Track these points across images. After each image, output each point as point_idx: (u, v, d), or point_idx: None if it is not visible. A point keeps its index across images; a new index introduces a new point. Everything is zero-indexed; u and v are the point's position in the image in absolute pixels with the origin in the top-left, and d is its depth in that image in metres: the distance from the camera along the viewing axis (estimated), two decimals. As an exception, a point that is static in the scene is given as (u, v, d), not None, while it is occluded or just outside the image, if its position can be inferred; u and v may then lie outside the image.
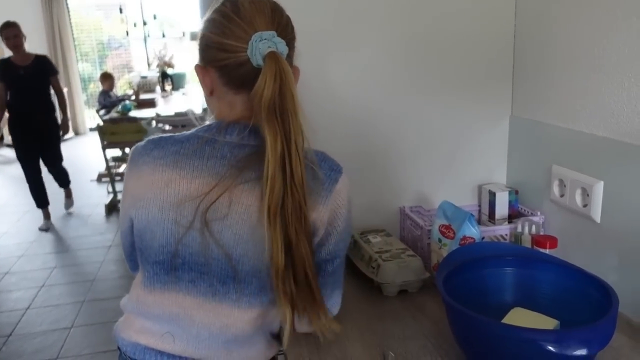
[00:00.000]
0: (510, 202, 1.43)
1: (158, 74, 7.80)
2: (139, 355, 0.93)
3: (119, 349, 0.98)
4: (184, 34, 9.01)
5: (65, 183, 4.93)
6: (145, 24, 9.18)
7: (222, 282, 0.87)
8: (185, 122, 4.68)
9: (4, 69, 4.18)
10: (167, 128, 5.05)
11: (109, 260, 3.85)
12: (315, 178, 0.87)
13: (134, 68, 9.49)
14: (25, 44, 4.23)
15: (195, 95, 6.57)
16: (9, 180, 6.29)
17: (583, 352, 0.77)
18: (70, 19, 8.86)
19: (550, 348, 0.76)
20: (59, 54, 8.63)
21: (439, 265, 1.04)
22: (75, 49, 9.10)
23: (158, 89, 7.65)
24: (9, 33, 4.13)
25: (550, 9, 1.28)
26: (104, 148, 4.73)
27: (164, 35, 9.17)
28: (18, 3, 7.57)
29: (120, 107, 5.81)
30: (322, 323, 0.89)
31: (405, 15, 1.37)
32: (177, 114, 5.13)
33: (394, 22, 1.37)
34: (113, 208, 4.97)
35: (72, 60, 8.90)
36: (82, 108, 9.24)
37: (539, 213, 1.36)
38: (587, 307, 0.92)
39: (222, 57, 0.84)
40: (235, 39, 0.82)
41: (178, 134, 0.90)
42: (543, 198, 1.35)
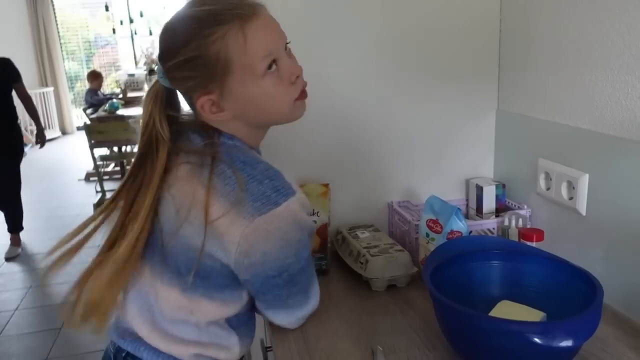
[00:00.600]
0: (497, 196, 1.43)
1: (146, 72, 7.74)
2: None
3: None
4: (172, 32, 8.93)
5: (17, 227, 4.08)
6: (132, 22, 9.11)
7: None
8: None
9: None
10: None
11: (98, 260, 3.82)
12: (234, 186, 0.84)
13: (121, 66, 9.43)
14: None
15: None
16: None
17: (569, 343, 0.78)
18: (56, 18, 8.78)
19: (537, 340, 0.77)
20: (45, 53, 8.56)
21: (427, 260, 1.05)
22: (62, 48, 9.02)
23: (146, 87, 7.59)
24: None
25: (535, 3, 1.28)
26: (92, 147, 4.69)
27: (151, 33, 9.09)
28: (3, 2, 7.46)
29: (108, 105, 5.75)
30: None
31: (391, 10, 1.37)
32: (165, 112, 5.09)
33: (380, 17, 1.37)
34: (102, 207, 4.93)
35: (58, 59, 8.83)
36: (69, 107, 9.18)
37: (526, 206, 1.37)
38: (573, 299, 0.92)
39: None
40: None
41: None
42: (530, 191, 1.36)
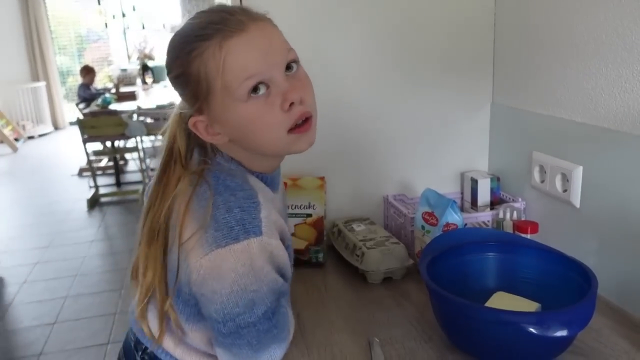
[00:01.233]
0: (492, 189, 1.44)
1: (138, 67, 7.72)
2: None
3: None
4: (164, 26, 8.91)
5: None
6: (124, 16, 9.06)
7: None
8: (167, 114, 4.64)
9: None
10: (148, 121, 5.00)
11: (92, 256, 3.81)
12: (205, 209, 0.76)
13: (114, 61, 9.38)
14: None
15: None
16: (-12, 176, 6.20)
17: (563, 333, 0.79)
18: (47, 12, 8.72)
19: (532, 330, 0.78)
20: (37, 47, 8.50)
21: (422, 252, 1.05)
22: (53, 42, 8.96)
23: (139, 82, 7.57)
24: None
25: (530, -3, 1.29)
26: (85, 142, 4.68)
27: (144, 27, 9.05)
28: (-7, -4, 7.43)
29: (100, 100, 5.73)
30: None
31: (386, 4, 1.37)
32: (158, 107, 5.08)
33: (375, 10, 1.37)
34: (95, 202, 4.93)
35: (49, 54, 8.77)
36: (61, 102, 9.12)
37: (520, 199, 1.37)
38: (567, 290, 0.93)
39: None
40: None
41: None
42: (524, 184, 1.37)
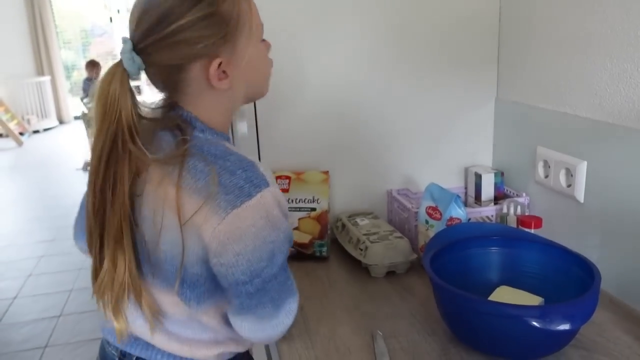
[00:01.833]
0: (496, 183, 1.44)
1: (143, 61, 7.71)
2: None
3: None
4: (169, 20, 8.89)
5: None
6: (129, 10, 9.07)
7: None
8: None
9: None
10: (153, 115, 5.00)
11: (97, 249, 3.83)
12: (206, 180, 0.76)
13: (118, 55, 9.37)
14: None
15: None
16: (-7, 170, 6.23)
17: (566, 326, 0.79)
18: (52, 6, 8.72)
19: (535, 323, 0.78)
20: (41, 42, 8.51)
21: (426, 246, 1.06)
22: (58, 37, 8.97)
23: (143, 76, 7.57)
24: None
25: (535, -9, 1.29)
26: (89, 136, 4.69)
27: (148, 22, 9.04)
28: (-2, -10, 7.44)
29: (105, 95, 5.73)
30: None
31: (391, -2, 1.37)
32: (163, 101, 5.08)
33: (380, 4, 1.37)
34: (100, 197, 4.93)
35: (54, 48, 8.78)
36: (65, 96, 9.14)
37: (524, 194, 1.37)
38: (570, 284, 0.94)
39: None
40: None
41: None
42: (528, 179, 1.37)
